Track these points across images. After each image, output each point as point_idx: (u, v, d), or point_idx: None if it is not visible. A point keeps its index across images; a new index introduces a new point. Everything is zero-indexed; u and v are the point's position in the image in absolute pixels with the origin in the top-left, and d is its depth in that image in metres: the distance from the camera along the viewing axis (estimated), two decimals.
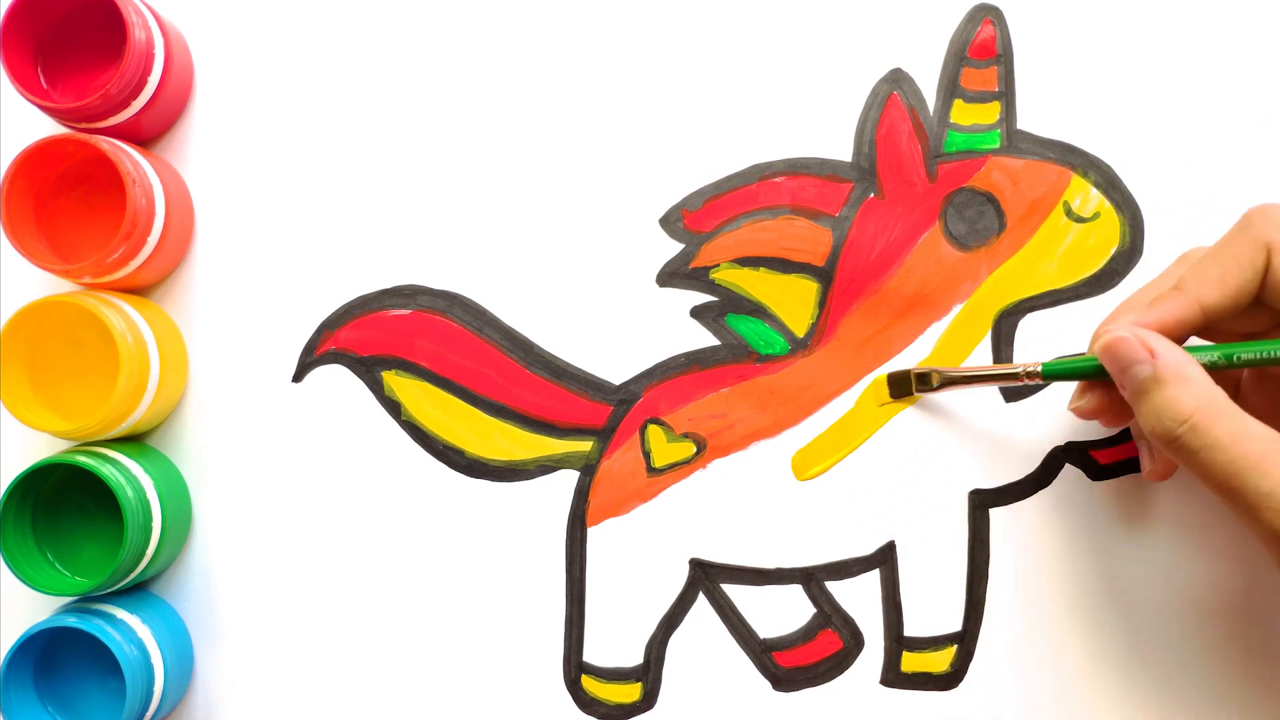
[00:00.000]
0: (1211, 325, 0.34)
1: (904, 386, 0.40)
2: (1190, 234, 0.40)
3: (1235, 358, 0.34)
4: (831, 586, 0.41)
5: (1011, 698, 0.40)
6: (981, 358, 0.41)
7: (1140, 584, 0.40)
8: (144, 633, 0.39)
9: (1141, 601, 0.40)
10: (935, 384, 0.39)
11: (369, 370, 0.42)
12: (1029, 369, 0.37)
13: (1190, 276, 0.34)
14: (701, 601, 0.41)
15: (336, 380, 0.42)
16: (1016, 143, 0.41)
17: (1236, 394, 0.37)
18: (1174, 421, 0.32)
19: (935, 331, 0.41)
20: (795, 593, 0.41)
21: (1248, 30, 0.41)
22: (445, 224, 0.43)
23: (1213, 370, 0.33)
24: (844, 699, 0.41)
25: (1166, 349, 0.33)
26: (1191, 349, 0.34)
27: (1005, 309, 0.41)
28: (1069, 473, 0.40)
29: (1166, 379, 0.32)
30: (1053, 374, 0.36)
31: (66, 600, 0.41)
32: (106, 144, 0.39)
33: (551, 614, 0.42)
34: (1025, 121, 0.41)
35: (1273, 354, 0.34)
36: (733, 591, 0.41)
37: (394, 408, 0.42)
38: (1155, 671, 0.40)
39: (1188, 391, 0.32)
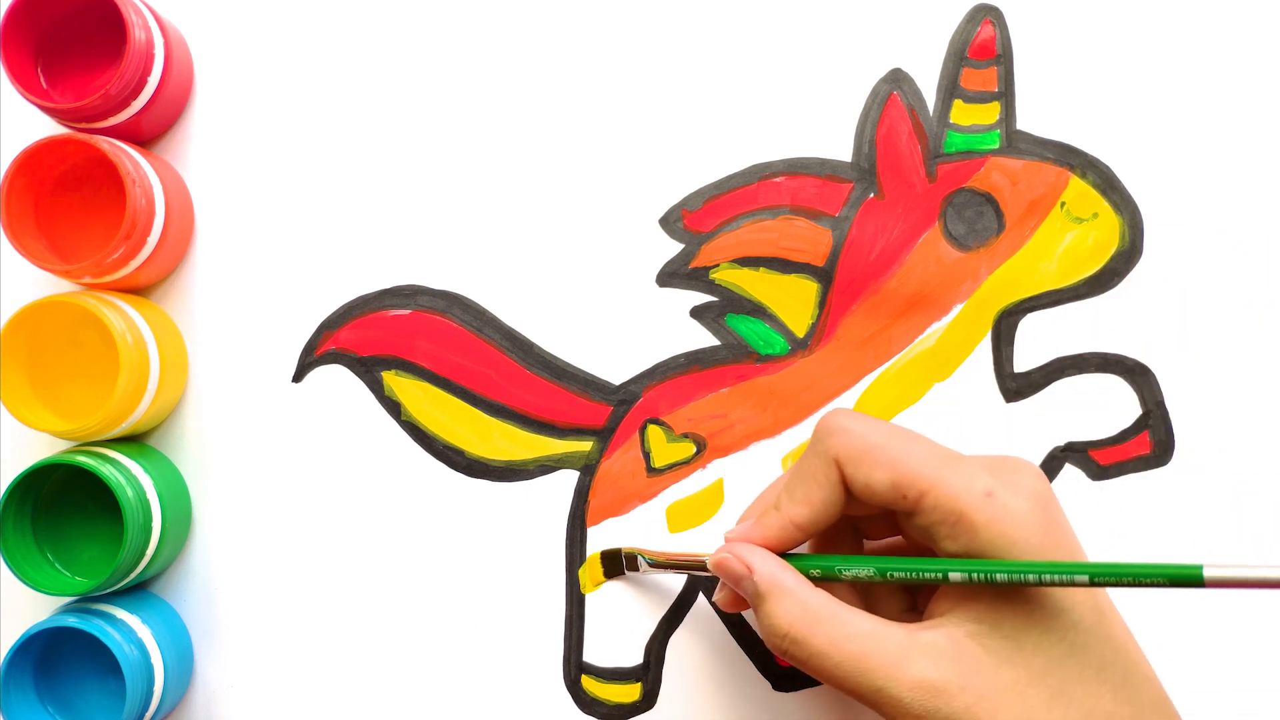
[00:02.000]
0: (815, 533, 0.35)
1: (617, 565, 0.41)
2: (1190, 234, 0.40)
3: (837, 571, 0.34)
4: None
5: None
6: (982, 357, 0.41)
7: (1150, 594, 0.40)
8: (144, 633, 0.39)
9: (1141, 601, 0.40)
10: (641, 569, 0.40)
11: (369, 370, 0.42)
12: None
13: (783, 495, 0.35)
14: (701, 601, 0.41)
15: (336, 380, 0.42)
16: (1016, 143, 0.41)
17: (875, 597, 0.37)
18: (777, 636, 0.33)
19: (935, 331, 0.41)
20: None
21: (1248, 30, 0.41)
22: (445, 224, 0.43)
23: (823, 579, 0.34)
24: (844, 699, 0.41)
25: (761, 563, 0.34)
26: (797, 558, 0.35)
27: (1005, 309, 0.41)
28: (1069, 473, 0.40)
29: (764, 593, 0.33)
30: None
31: (66, 600, 0.41)
32: (106, 144, 0.39)
33: (551, 614, 0.42)
34: (1025, 122, 0.41)
35: (868, 572, 0.34)
36: None
37: (394, 408, 0.42)
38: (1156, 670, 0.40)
39: (783, 605, 0.33)
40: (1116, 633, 0.32)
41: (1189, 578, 0.29)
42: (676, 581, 0.41)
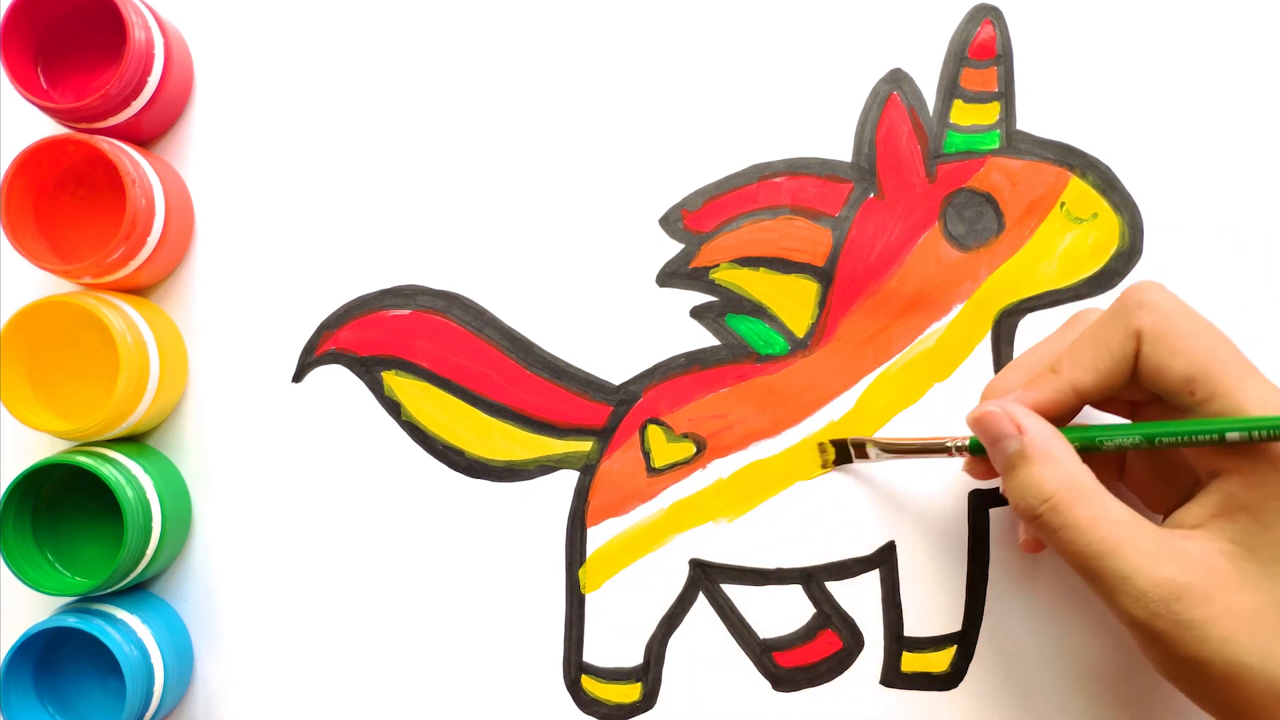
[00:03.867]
0: (1087, 405, 0.35)
1: (845, 454, 0.40)
2: (1190, 234, 0.40)
3: (1098, 442, 0.34)
4: (831, 586, 0.41)
5: (1011, 698, 0.40)
6: (982, 358, 0.41)
7: None
8: (144, 633, 0.39)
9: None
10: (871, 456, 0.39)
11: (369, 370, 0.42)
12: (957, 444, 0.37)
13: (1066, 359, 0.34)
14: (701, 601, 0.41)
15: (336, 380, 0.42)
16: (1016, 143, 0.41)
17: (1123, 466, 0.37)
18: (1036, 499, 0.32)
19: (935, 331, 0.41)
20: (795, 593, 0.41)
21: (1248, 30, 0.41)
22: (445, 224, 0.43)
23: (1083, 451, 0.34)
24: (844, 699, 0.41)
25: (1035, 427, 0.33)
26: (1065, 429, 0.34)
27: (1005, 309, 0.41)
28: None
29: (1032, 457, 0.33)
30: (979, 449, 0.36)
31: (66, 600, 0.41)
32: (106, 144, 0.39)
33: (551, 614, 0.42)
34: (1025, 122, 0.41)
35: (1133, 440, 0.33)
36: (733, 591, 0.41)
37: (394, 408, 0.42)
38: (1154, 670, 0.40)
39: (1051, 471, 0.33)
40: None
41: None
42: (676, 581, 0.41)
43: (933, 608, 0.41)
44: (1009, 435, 0.33)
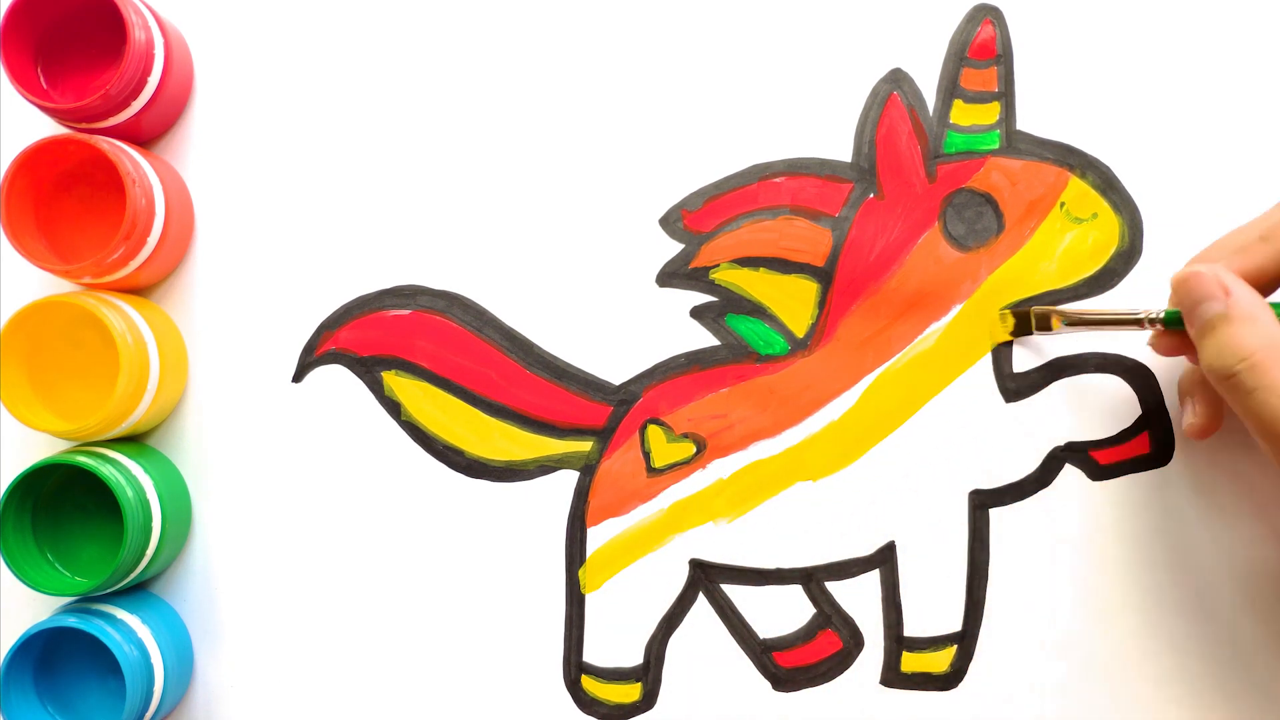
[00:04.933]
0: None
1: (1025, 325, 0.40)
2: (1189, 234, 0.40)
3: None
4: (831, 586, 0.41)
5: (1011, 698, 0.40)
6: (982, 358, 0.41)
7: (1139, 584, 0.40)
8: (144, 633, 0.39)
9: (1140, 601, 0.40)
10: (1056, 327, 0.39)
11: (369, 370, 0.42)
12: (1150, 316, 0.36)
13: (1278, 229, 0.34)
14: (701, 601, 0.41)
15: (336, 380, 0.42)
16: (1016, 143, 0.41)
17: None
18: (1235, 357, 0.32)
19: (935, 331, 0.41)
20: (795, 593, 0.41)
21: (1248, 30, 0.41)
22: (445, 224, 0.43)
23: None
24: (844, 699, 0.41)
25: (1242, 290, 0.33)
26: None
27: (1005, 309, 0.41)
28: (1069, 473, 0.40)
29: (1235, 317, 0.33)
30: (1174, 322, 0.36)
31: (66, 600, 0.41)
32: (106, 144, 0.39)
33: (551, 614, 0.42)
34: (1025, 122, 0.41)
35: None
36: (733, 591, 0.41)
37: (394, 408, 0.42)
38: (1155, 670, 0.40)
39: (1255, 331, 0.32)
40: None
41: None
42: (676, 581, 0.41)
43: (933, 608, 0.41)
44: (1214, 296, 0.33)
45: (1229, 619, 0.40)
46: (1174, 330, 0.36)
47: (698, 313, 0.42)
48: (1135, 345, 0.40)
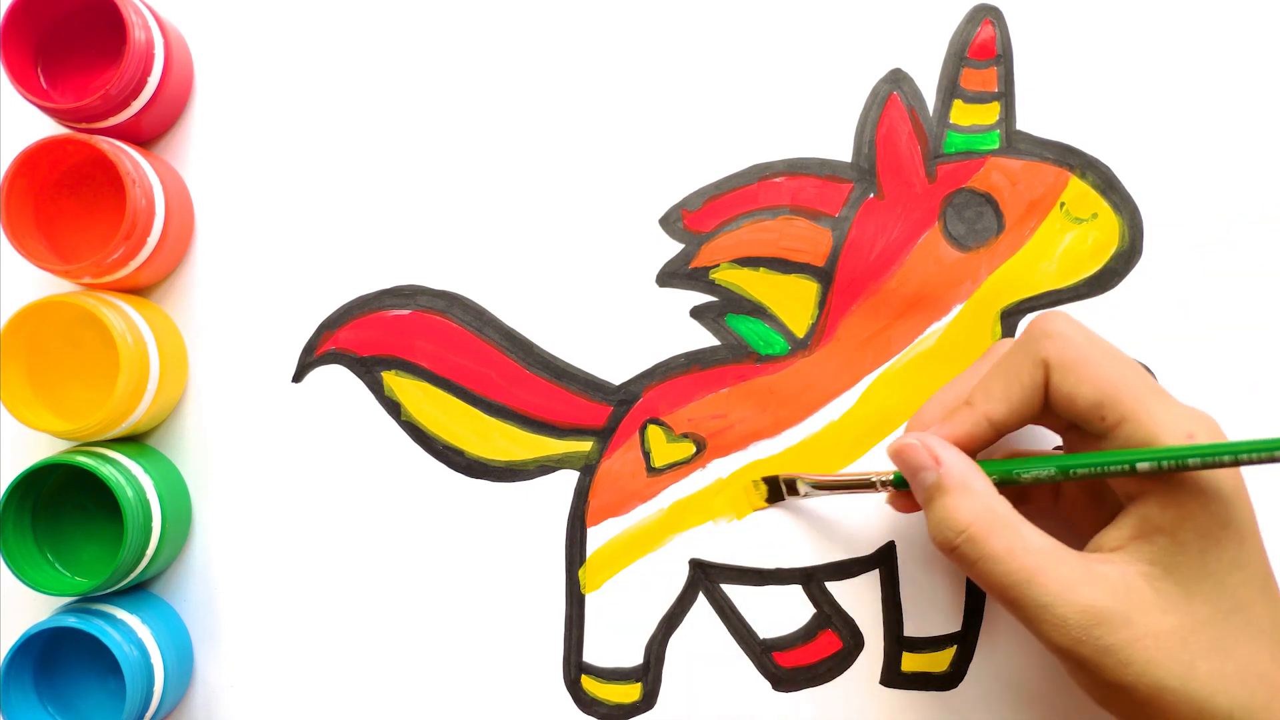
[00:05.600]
0: (1003, 435, 0.35)
1: (777, 492, 0.41)
2: (1190, 234, 0.41)
3: (1015, 474, 0.34)
4: (831, 587, 0.41)
5: (1011, 698, 0.40)
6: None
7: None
8: (144, 633, 0.39)
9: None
10: (802, 492, 0.40)
11: (369, 370, 0.42)
12: (882, 478, 0.37)
13: (978, 391, 0.35)
14: (701, 601, 0.41)
15: (336, 380, 0.42)
16: (1016, 143, 0.41)
17: (1058, 490, 0.38)
18: (952, 531, 0.33)
19: (935, 331, 0.41)
20: (795, 593, 0.41)
21: (1248, 30, 0.41)
22: (445, 224, 0.43)
23: (1001, 484, 0.34)
24: (844, 699, 0.41)
25: (952, 459, 0.34)
26: (984, 463, 0.34)
27: (1005, 309, 0.41)
28: None
29: (948, 488, 0.33)
30: (902, 484, 0.36)
31: (66, 600, 0.41)
32: (106, 144, 0.39)
33: (551, 614, 0.42)
34: (1025, 122, 0.41)
35: (1049, 472, 0.34)
36: (733, 591, 0.41)
37: (394, 408, 0.42)
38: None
39: (966, 503, 0.33)
40: None
41: None
42: (676, 581, 0.41)
43: (933, 608, 0.41)
44: (926, 466, 0.34)
45: None
46: (905, 490, 0.36)
47: (698, 313, 0.42)
48: (1136, 346, 0.40)
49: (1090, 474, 0.33)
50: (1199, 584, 0.31)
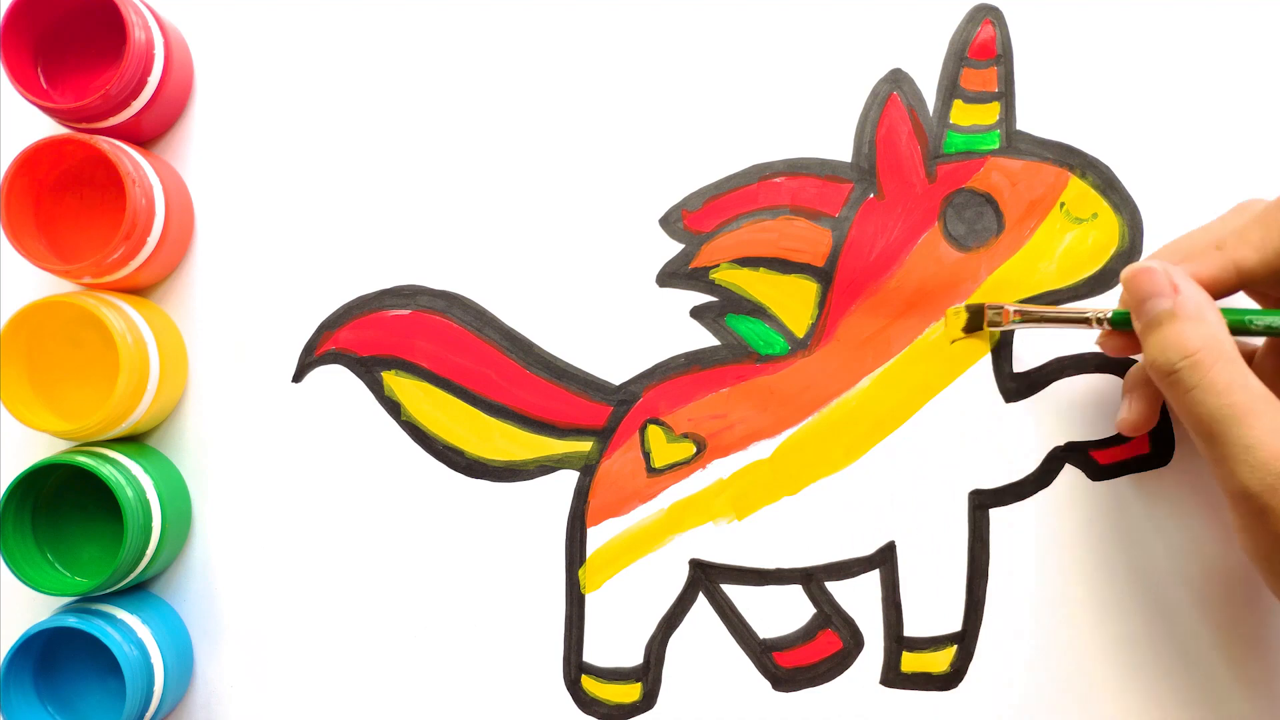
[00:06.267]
0: (1244, 287, 0.35)
1: (977, 321, 0.40)
2: None
3: (1249, 322, 0.34)
4: (831, 586, 0.41)
5: (1011, 698, 0.40)
6: (982, 359, 0.41)
7: (1140, 584, 0.40)
8: (144, 633, 0.39)
9: (1141, 601, 0.40)
10: (1006, 323, 0.39)
11: (369, 370, 0.42)
12: (1099, 315, 0.37)
13: (1233, 237, 0.35)
14: (701, 601, 0.41)
15: (336, 380, 0.42)
16: (1016, 143, 0.41)
17: (1249, 361, 0.37)
18: (1177, 354, 0.33)
19: (935, 331, 0.41)
20: (795, 593, 0.41)
21: (1247, 31, 0.41)
22: (445, 224, 0.43)
23: (1232, 330, 0.34)
24: (844, 699, 0.41)
25: (1191, 289, 0.34)
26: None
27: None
28: (1069, 473, 0.40)
29: (1181, 314, 0.33)
30: (1122, 322, 0.36)
31: (66, 600, 0.41)
32: (106, 144, 0.39)
33: (551, 614, 0.42)
34: (1025, 122, 0.41)
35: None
36: (733, 591, 0.41)
37: (394, 408, 0.42)
38: (1155, 671, 0.40)
39: (1198, 330, 0.33)
40: None
41: None
42: (676, 581, 0.41)
43: (933, 608, 0.41)
44: (1162, 293, 0.34)
45: (1230, 616, 0.40)
46: (1121, 330, 0.37)
47: (698, 313, 0.42)
48: None
49: None
50: None
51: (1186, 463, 0.40)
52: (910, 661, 0.41)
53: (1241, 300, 0.37)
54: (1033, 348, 0.41)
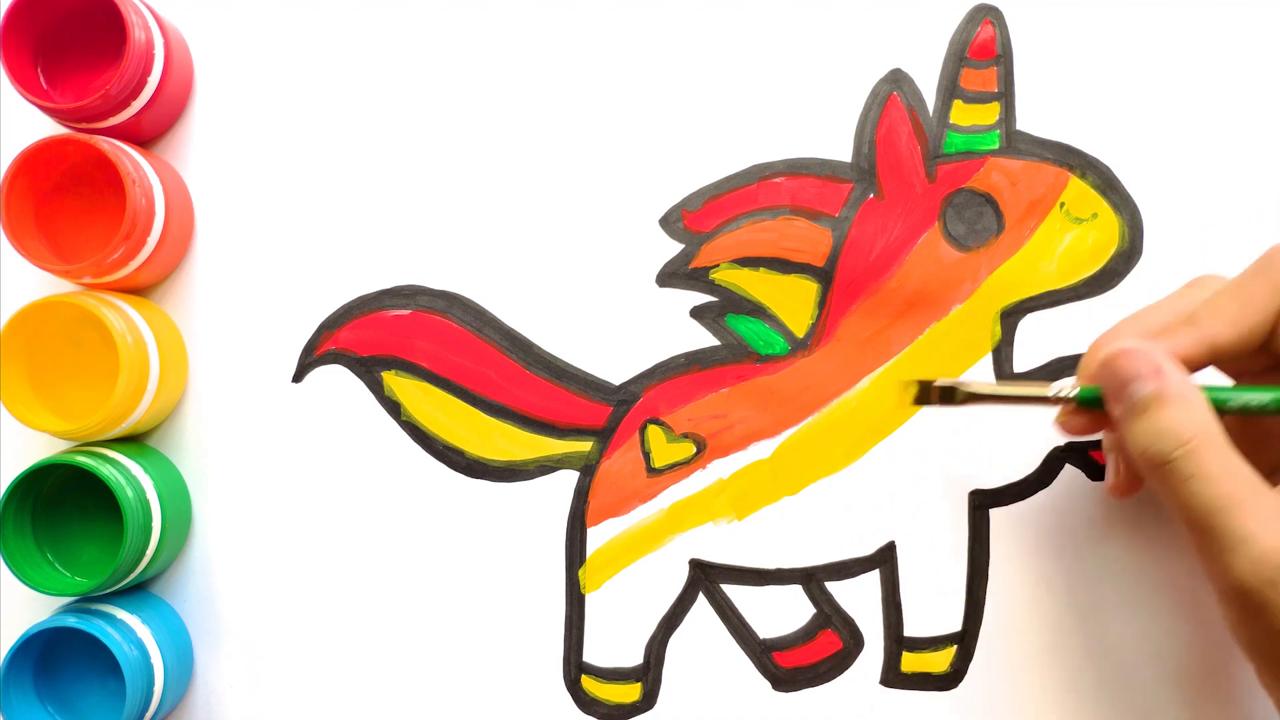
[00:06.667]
0: (1216, 362, 0.34)
1: (926, 396, 0.38)
2: (1190, 234, 0.40)
3: (1225, 402, 0.33)
4: (831, 586, 0.41)
5: (1011, 698, 0.40)
6: (982, 359, 0.41)
7: (1140, 584, 0.40)
8: (144, 633, 0.39)
9: (1142, 601, 0.40)
10: (958, 401, 0.36)
11: (369, 370, 0.42)
12: (1061, 392, 0.35)
13: (1205, 311, 0.33)
14: (701, 601, 0.41)
15: (336, 380, 0.42)
16: (1016, 143, 0.41)
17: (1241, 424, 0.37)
18: (1172, 442, 0.31)
19: (935, 332, 0.41)
20: (795, 593, 0.41)
21: (1247, 31, 0.41)
22: (445, 224, 0.43)
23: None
24: (844, 699, 0.41)
25: (1174, 370, 0.32)
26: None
27: (1005, 309, 0.41)
28: (1069, 473, 0.40)
29: (1170, 399, 0.32)
30: (1091, 401, 0.34)
31: (66, 600, 0.41)
32: (106, 144, 0.39)
33: (551, 614, 0.42)
34: (1025, 122, 0.41)
35: (1262, 402, 0.33)
36: (733, 591, 0.41)
37: (394, 408, 0.42)
38: (1155, 671, 0.40)
39: (1190, 416, 0.31)
40: None
41: None
42: (676, 581, 0.41)
43: (933, 608, 0.41)
44: (1146, 376, 0.32)
45: None
46: (1088, 409, 0.35)
47: (698, 313, 0.42)
48: None
49: None
50: None
51: None
52: (910, 661, 0.41)
53: (1210, 375, 0.36)
54: (1033, 348, 0.41)
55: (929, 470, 0.41)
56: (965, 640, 0.40)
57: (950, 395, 0.36)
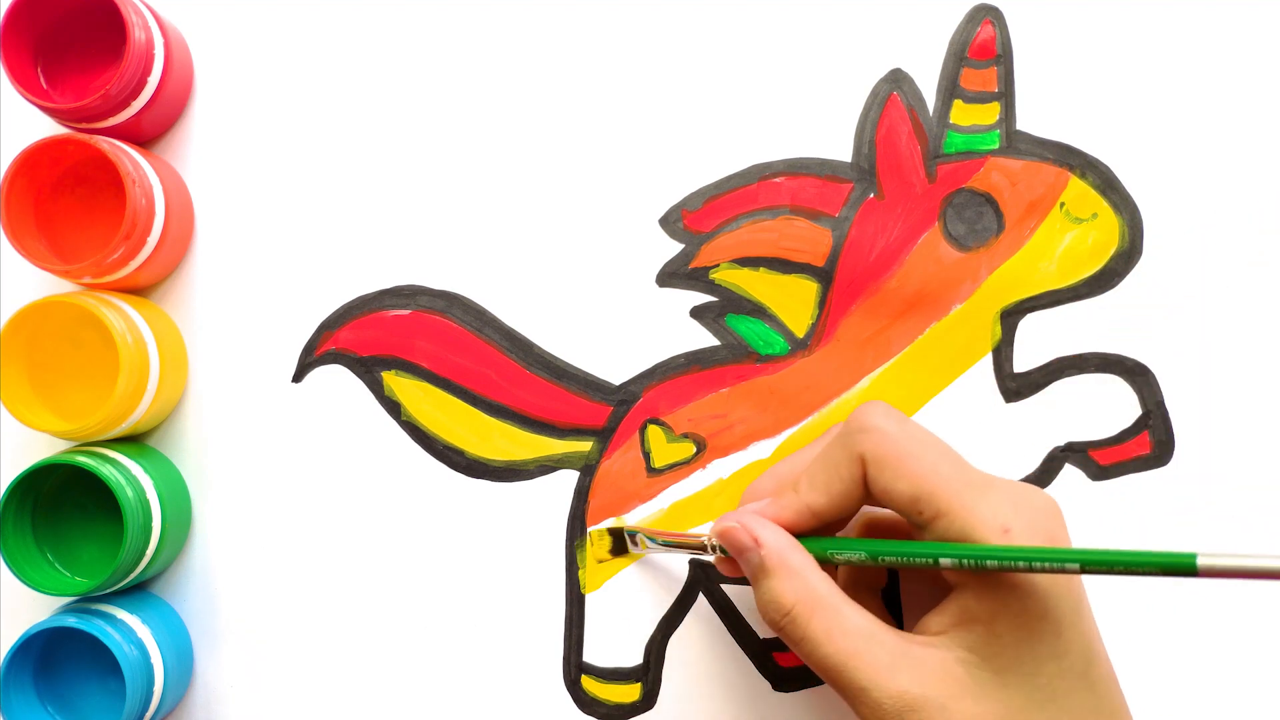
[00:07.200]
0: (822, 528, 0.35)
1: (621, 544, 0.41)
2: (1190, 234, 0.41)
3: (830, 555, 0.34)
4: None
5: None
6: (982, 359, 0.41)
7: (1140, 584, 0.40)
8: (144, 633, 0.39)
9: (1142, 601, 0.40)
10: (642, 548, 0.40)
11: (369, 370, 0.42)
12: (713, 543, 0.36)
13: (804, 479, 0.35)
14: (701, 601, 0.41)
15: (336, 380, 0.42)
16: (1016, 143, 0.41)
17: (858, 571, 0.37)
18: (776, 612, 0.33)
19: (935, 332, 0.41)
20: None
21: (1247, 31, 0.41)
22: (445, 224, 0.43)
23: (821, 562, 0.34)
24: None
25: (771, 538, 0.34)
26: (802, 540, 0.34)
27: (1005, 309, 0.41)
28: (1069, 473, 0.40)
29: (771, 569, 0.33)
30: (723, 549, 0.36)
31: (66, 600, 0.41)
32: (106, 144, 0.39)
33: (551, 614, 0.42)
34: (1025, 122, 0.41)
35: (859, 556, 0.33)
36: (733, 591, 0.41)
37: (394, 408, 0.42)
38: (1157, 670, 0.40)
39: (790, 585, 0.33)
40: (1103, 688, 0.32)
41: (1182, 566, 0.28)
42: (676, 581, 0.41)
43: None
44: (749, 548, 0.34)
45: (1231, 615, 0.40)
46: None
47: (698, 313, 0.42)
48: (1136, 346, 0.40)
49: (898, 563, 0.33)
50: (1014, 673, 0.31)
51: (1186, 463, 0.40)
52: None
53: None
54: (1033, 348, 0.41)
55: None
56: None
57: (635, 541, 0.40)
